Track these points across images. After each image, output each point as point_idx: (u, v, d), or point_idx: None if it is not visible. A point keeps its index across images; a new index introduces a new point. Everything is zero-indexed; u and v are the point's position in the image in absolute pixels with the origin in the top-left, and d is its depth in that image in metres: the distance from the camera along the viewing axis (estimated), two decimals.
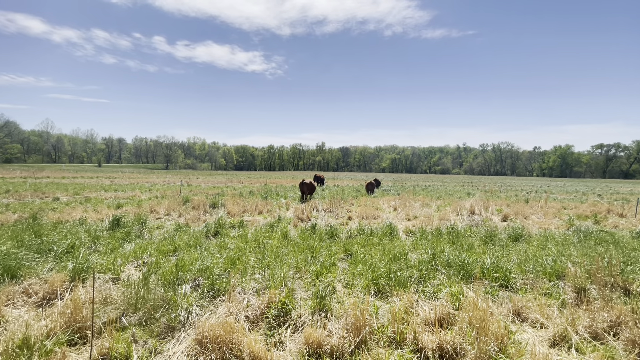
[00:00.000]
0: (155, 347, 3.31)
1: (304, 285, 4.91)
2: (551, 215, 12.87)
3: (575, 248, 6.97)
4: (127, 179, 38.64)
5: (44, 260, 5.44)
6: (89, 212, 11.03)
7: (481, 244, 7.49)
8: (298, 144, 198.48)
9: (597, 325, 3.67)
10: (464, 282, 5.10)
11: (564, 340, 3.52)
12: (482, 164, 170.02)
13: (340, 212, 12.72)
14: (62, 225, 8.39)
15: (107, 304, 3.95)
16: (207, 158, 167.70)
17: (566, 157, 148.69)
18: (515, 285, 5.03)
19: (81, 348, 3.27)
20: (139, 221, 8.95)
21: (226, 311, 3.93)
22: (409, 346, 3.38)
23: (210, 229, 8.36)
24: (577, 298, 4.54)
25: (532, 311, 4.11)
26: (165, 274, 4.81)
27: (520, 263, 5.79)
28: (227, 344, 3.20)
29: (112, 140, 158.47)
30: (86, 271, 4.89)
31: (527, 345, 3.39)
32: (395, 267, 5.37)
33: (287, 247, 6.74)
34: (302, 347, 3.34)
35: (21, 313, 3.92)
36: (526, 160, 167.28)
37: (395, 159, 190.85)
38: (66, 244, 6.08)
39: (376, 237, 7.93)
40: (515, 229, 8.83)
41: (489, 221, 11.28)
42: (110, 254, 5.99)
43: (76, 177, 38.85)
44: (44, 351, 3.03)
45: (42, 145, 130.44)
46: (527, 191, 32.31)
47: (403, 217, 11.89)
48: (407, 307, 4.10)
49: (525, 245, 7.44)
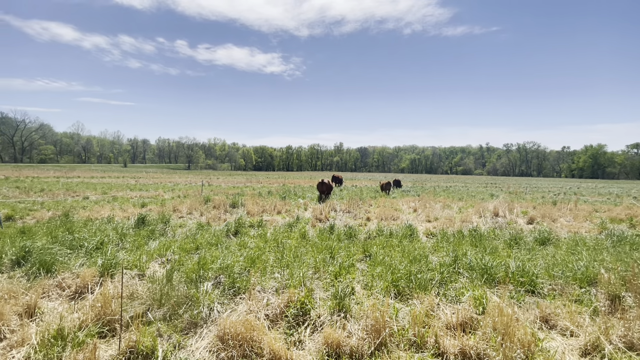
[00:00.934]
0: (179, 342, 3.40)
1: (322, 286, 4.91)
2: (581, 219, 12.26)
3: (608, 253, 6.60)
4: (151, 179, 40.04)
5: (76, 256, 5.72)
6: (116, 210, 11.51)
7: (505, 247, 7.23)
8: (316, 145, 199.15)
9: (633, 335, 3.46)
10: (487, 286, 4.94)
11: (596, 350, 3.34)
12: (507, 164, 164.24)
13: (359, 212, 12.64)
14: (92, 222, 8.80)
15: (134, 299, 4.11)
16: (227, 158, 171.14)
17: (598, 157, 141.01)
18: (543, 291, 4.82)
19: (110, 340, 3.42)
20: (163, 220, 9.25)
21: (246, 309, 3.99)
22: (430, 350, 3.32)
23: (231, 228, 8.53)
24: (610, 306, 4.30)
25: (561, 318, 3.93)
26: (188, 272, 4.94)
27: (548, 268, 5.54)
28: (247, 341, 3.25)
29: (137, 141, 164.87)
30: (114, 267, 5.10)
31: (556, 354, 3.25)
32: (415, 269, 5.28)
33: (306, 247, 6.77)
34: (322, 347, 3.34)
35: (55, 305, 4.14)
36: (554, 161, 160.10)
37: (415, 159, 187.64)
38: (96, 241, 6.37)
39: (396, 239, 7.82)
40: (542, 232, 8.47)
41: (513, 224, 10.89)
42: (136, 251, 6.23)
43: (104, 177, 40.65)
44: (77, 342, 3.19)
45: (73, 146, 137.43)
46: (555, 193, 30.93)
47: (423, 219, 11.67)
48: (428, 310, 4.02)
49: (553, 249, 7.13)
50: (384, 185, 22.63)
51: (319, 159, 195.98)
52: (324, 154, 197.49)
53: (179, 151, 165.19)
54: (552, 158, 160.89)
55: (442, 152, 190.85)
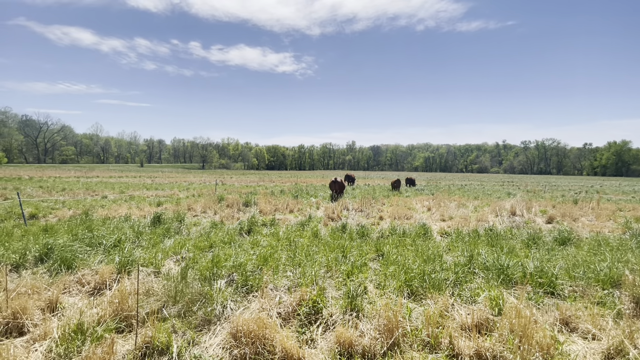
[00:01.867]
0: (193, 338, 3.46)
1: (334, 285, 4.90)
2: (604, 218, 11.79)
3: (633, 254, 6.32)
4: (166, 178, 40.92)
5: (95, 253, 5.90)
6: (133, 209, 11.80)
7: (523, 247, 7.03)
8: (328, 143, 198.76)
9: None
10: (503, 286, 4.82)
11: (619, 354, 3.20)
12: (524, 162, 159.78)
13: (371, 211, 12.56)
14: (110, 221, 9.05)
15: (150, 296, 4.20)
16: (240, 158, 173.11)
17: (622, 154, 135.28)
18: (563, 293, 4.66)
19: (127, 335, 3.50)
20: (178, 218, 9.43)
21: (259, 307, 4.02)
22: (444, 351, 3.25)
23: (244, 227, 8.61)
24: (635, 309, 4.11)
25: (582, 321, 3.78)
26: (202, 269, 5.01)
27: (568, 268, 5.35)
28: (260, 338, 3.27)
29: (153, 141, 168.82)
30: (131, 264, 5.23)
31: (577, 358, 3.13)
32: (429, 268, 5.20)
33: (318, 246, 6.76)
34: (334, 345, 3.33)
35: (76, 301, 4.27)
36: (574, 158, 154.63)
37: (429, 157, 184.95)
38: (113, 239, 6.55)
39: (409, 238, 7.72)
40: (562, 231, 8.20)
41: (531, 223, 10.58)
42: (151, 248, 6.36)
43: (121, 177, 41.79)
44: (96, 337, 3.28)
45: (92, 147, 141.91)
46: (576, 191, 29.89)
47: (437, 218, 11.49)
48: (442, 310, 3.95)
49: (574, 249, 6.88)
50: (394, 183, 23.46)
51: (331, 157, 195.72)
52: (336, 153, 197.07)
53: (193, 151, 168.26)
54: (573, 155, 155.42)
55: (456, 150, 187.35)
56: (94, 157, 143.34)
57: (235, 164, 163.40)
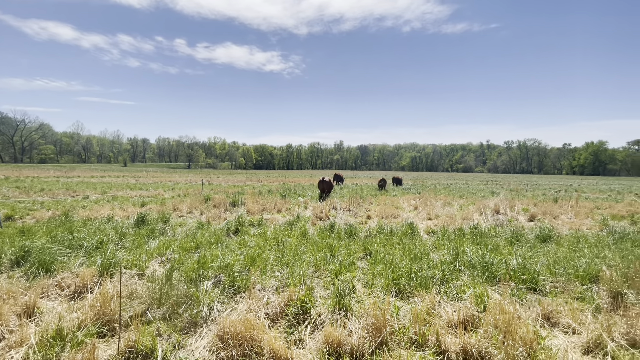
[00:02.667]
0: (178, 341, 3.38)
1: (323, 284, 4.89)
2: (583, 215, 12.22)
3: (610, 250, 6.57)
4: (151, 178, 40.04)
5: (75, 255, 5.70)
6: (116, 209, 11.49)
7: (507, 245, 7.21)
8: (316, 143, 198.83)
9: (635, 332, 3.43)
10: (488, 283, 4.92)
11: (598, 347, 3.32)
12: (507, 161, 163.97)
13: (359, 210, 12.62)
14: (92, 222, 8.78)
15: (133, 299, 4.09)
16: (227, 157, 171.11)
17: (599, 154, 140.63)
18: (545, 288, 4.79)
19: (109, 340, 3.40)
20: (163, 219, 9.23)
21: (246, 308, 3.97)
22: (431, 348, 3.29)
23: (231, 227, 8.51)
24: (612, 303, 4.27)
25: (563, 316, 3.90)
26: (188, 271, 4.92)
27: (550, 265, 5.51)
28: (247, 340, 3.23)
29: (137, 140, 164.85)
30: (114, 266, 5.09)
31: (559, 352, 3.22)
32: (416, 267, 5.25)
33: (306, 246, 6.74)
34: (322, 345, 3.32)
35: (55, 305, 4.12)
36: (554, 158, 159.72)
37: (416, 157, 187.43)
38: (95, 240, 6.36)
39: (396, 237, 7.80)
40: (544, 229, 8.44)
41: (514, 221, 10.85)
42: (135, 250, 6.21)
43: (104, 177, 40.66)
44: (76, 342, 3.17)
45: (73, 146, 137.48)
46: (556, 190, 30.87)
47: (424, 217, 11.65)
48: (429, 308, 4.00)
49: (555, 246, 7.10)
50: (380, 182, 24.49)
51: (319, 157, 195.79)
52: (324, 153, 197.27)
53: (179, 150, 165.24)
54: (553, 155, 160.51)
55: (442, 150, 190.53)
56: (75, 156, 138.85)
57: (222, 164, 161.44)
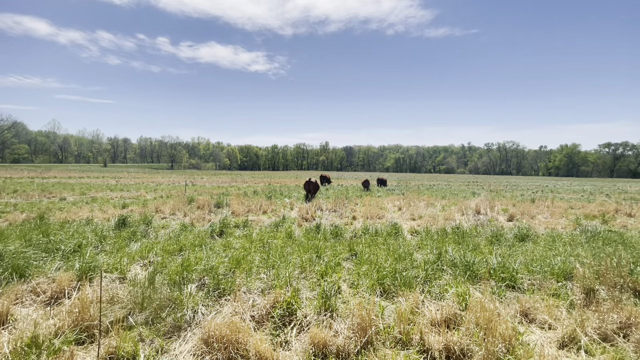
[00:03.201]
0: (161, 346, 3.32)
1: (309, 285, 4.90)
2: (558, 215, 12.73)
3: (583, 248, 6.88)
4: (132, 179, 38.95)
5: (52, 260, 5.49)
6: (96, 211, 11.12)
7: (487, 244, 7.42)
8: (302, 144, 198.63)
9: (606, 326, 3.62)
10: (470, 282, 5.06)
11: (573, 342, 3.47)
12: (487, 163, 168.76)
13: (345, 211, 12.70)
14: (69, 224, 8.47)
15: (114, 303, 3.98)
16: (211, 158, 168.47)
17: (573, 156, 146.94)
18: (523, 286, 4.97)
19: (89, 347, 3.30)
20: (145, 221, 9.01)
21: (232, 311, 3.93)
22: (415, 347, 3.36)
23: (215, 229, 8.39)
24: (585, 299, 4.47)
25: (540, 312, 4.06)
26: (171, 274, 4.83)
27: (527, 263, 5.72)
28: (233, 343, 3.20)
29: (118, 140, 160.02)
30: (93, 270, 4.93)
31: (536, 347, 3.35)
32: (400, 267, 5.34)
33: (292, 247, 6.74)
34: (308, 347, 3.33)
35: (29, 312, 3.95)
36: (532, 160, 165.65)
37: (400, 158, 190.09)
38: (73, 244, 6.14)
39: (381, 237, 7.89)
40: (522, 228, 8.74)
41: (494, 221, 11.19)
42: (116, 253, 6.03)
43: (82, 177, 39.25)
44: (53, 350, 3.06)
45: (49, 145, 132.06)
46: (533, 191, 32.00)
47: (408, 217, 11.84)
48: (413, 307, 4.08)
49: (532, 245, 7.37)
50: (364, 183, 25.58)
51: (305, 158, 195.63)
52: (310, 153, 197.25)
53: (161, 150, 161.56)
54: (531, 157, 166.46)
55: (425, 152, 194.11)
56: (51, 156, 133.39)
57: (206, 164, 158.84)
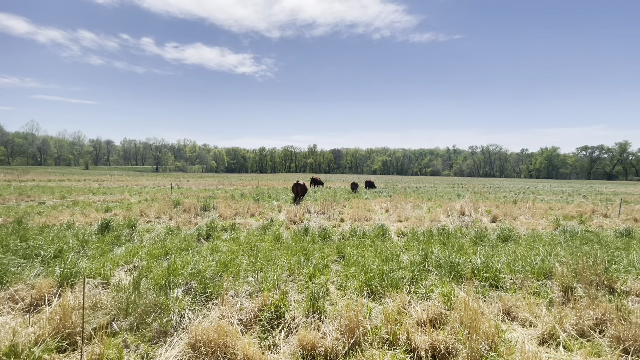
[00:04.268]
0: (147, 352, 3.26)
1: (297, 288, 4.91)
2: (539, 216, 13.14)
3: (562, 248, 7.14)
4: (115, 182, 37.98)
5: (31, 266, 5.31)
6: (77, 215, 10.80)
7: (471, 245, 7.60)
8: (290, 146, 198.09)
9: (583, 322, 3.77)
10: (455, 282, 5.17)
11: (552, 338, 3.61)
12: (472, 165, 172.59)
13: (333, 214, 12.75)
14: (49, 229, 8.20)
15: (97, 309, 3.89)
16: (197, 160, 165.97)
17: (552, 158, 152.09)
18: (505, 285, 5.12)
19: (71, 355, 3.21)
20: (129, 225, 8.82)
21: (219, 315, 3.90)
22: (402, 346, 3.42)
23: (202, 232, 8.29)
24: (564, 296, 4.65)
25: (521, 310, 4.19)
26: (157, 278, 4.75)
27: (510, 263, 5.90)
28: (220, 347, 3.18)
29: (100, 142, 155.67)
30: (75, 276, 4.80)
31: (517, 344, 3.47)
32: (387, 268, 5.42)
33: (280, 250, 6.73)
34: (297, 349, 3.34)
35: (7, 320, 3.81)
36: (514, 162, 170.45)
37: (387, 160, 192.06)
38: (53, 249, 5.95)
39: (368, 239, 7.97)
40: (504, 229, 8.99)
41: (478, 222, 11.45)
42: (99, 258, 5.89)
43: (63, 180, 38.00)
44: (33, 358, 2.97)
45: (26, 147, 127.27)
46: (515, 192, 32.90)
47: (395, 219, 11.98)
48: (399, 308, 4.14)
49: (514, 245, 7.59)
50: (352, 185, 26.19)
51: (293, 160, 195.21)
52: (298, 156, 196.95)
53: (146, 153, 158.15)
54: (513, 160, 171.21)
55: (412, 154, 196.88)
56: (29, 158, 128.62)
57: (193, 167, 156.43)
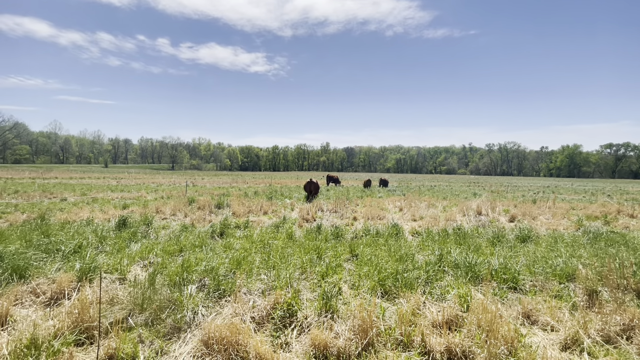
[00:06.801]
0: (161, 347, 3.30)
1: (309, 286, 4.88)
2: (560, 216, 12.67)
3: (585, 249, 6.84)
4: (133, 180, 39.00)
5: (52, 260, 5.48)
6: (96, 212, 11.12)
7: (488, 245, 7.39)
8: (302, 145, 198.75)
9: (609, 328, 3.59)
10: (471, 283, 5.03)
11: (575, 344, 3.44)
12: (489, 164, 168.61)
13: (346, 212, 12.67)
14: (70, 225, 8.47)
15: (114, 304, 3.96)
16: (212, 159, 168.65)
17: (574, 156, 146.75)
18: (525, 287, 4.94)
19: (88, 348, 3.28)
20: (145, 221, 9.00)
21: (232, 312, 3.91)
22: (416, 349, 3.33)
23: (216, 230, 8.38)
24: (588, 301, 4.44)
25: (542, 314, 4.03)
26: (171, 275, 4.81)
27: (529, 264, 5.69)
28: (233, 345, 3.18)
29: (119, 141, 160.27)
30: (93, 271, 4.92)
31: (538, 349, 3.32)
32: (401, 268, 5.31)
33: (293, 248, 6.72)
34: (309, 348, 3.31)
35: (29, 313, 3.94)
36: (533, 160, 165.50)
37: (400, 159, 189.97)
38: (73, 244, 6.13)
39: (382, 238, 7.87)
40: (523, 229, 8.70)
41: (496, 222, 11.15)
42: (116, 254, 6.02)
43: (83, 178, 39.32)
44: (52, 351, 3.04)
45: (50, 146, 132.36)
46: (535, 191, 31.91)
47: (409, 218, 11.80)
48: (414, 308, 4.05)
49: (534, 246, 7.33)
50: (366, 182, 27.12)
51: (306, 159, 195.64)
52: (311, 154, 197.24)
53: (162, 151, 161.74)
54: (532, 158, 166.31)
55: (426, 152, 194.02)
56: (52, 156, 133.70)
57: (207, 165, 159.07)
